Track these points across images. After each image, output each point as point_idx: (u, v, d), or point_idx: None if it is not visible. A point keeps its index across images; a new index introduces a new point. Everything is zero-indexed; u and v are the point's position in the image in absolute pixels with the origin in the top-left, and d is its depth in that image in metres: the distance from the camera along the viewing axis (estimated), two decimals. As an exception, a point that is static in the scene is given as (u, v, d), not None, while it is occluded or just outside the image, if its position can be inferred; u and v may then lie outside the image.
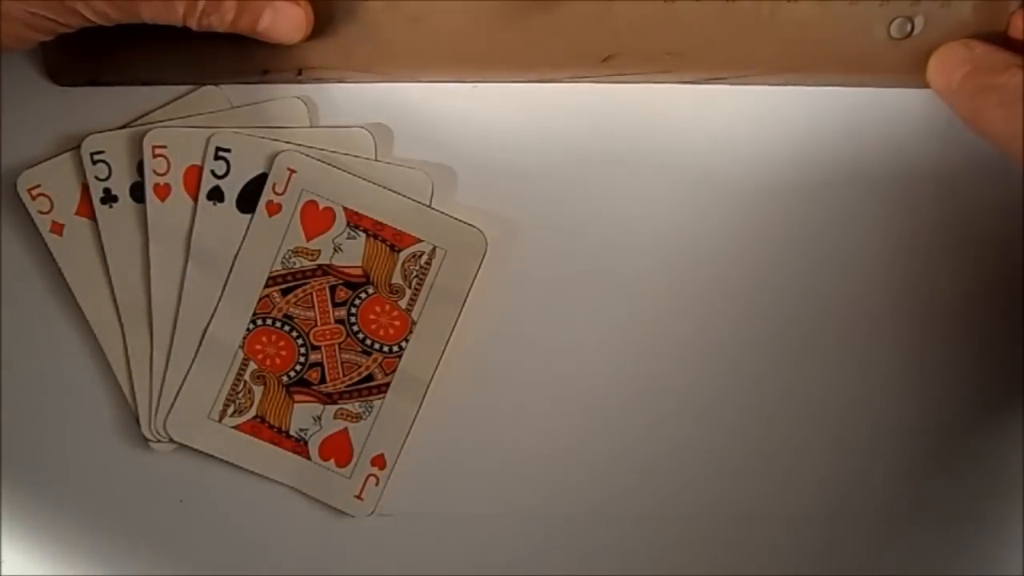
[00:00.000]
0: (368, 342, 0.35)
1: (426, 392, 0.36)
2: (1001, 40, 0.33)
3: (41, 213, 0.35)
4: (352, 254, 0.35)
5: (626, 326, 0.37)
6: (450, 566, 0.37)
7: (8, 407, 0.37)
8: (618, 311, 0.37)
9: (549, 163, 0.36)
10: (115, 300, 0.36)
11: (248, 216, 0.35)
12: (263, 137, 0.35)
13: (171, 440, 0.36)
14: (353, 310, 0.35)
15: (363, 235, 0.35)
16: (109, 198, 0.35)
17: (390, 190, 0.35)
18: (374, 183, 0.35)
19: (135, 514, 0.37)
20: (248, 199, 0.35)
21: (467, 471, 0.37)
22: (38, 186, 0.35)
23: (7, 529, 0.37)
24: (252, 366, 0.35)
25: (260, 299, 0.35)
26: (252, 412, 0.35)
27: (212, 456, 0.36)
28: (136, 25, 0.31)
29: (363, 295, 0.35)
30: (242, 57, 0.35)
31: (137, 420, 0.36)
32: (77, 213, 0.36)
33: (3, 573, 0.37)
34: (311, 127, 0.36)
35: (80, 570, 0.37)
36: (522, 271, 0.36)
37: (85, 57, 0.35)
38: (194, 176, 0.35)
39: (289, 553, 0.37)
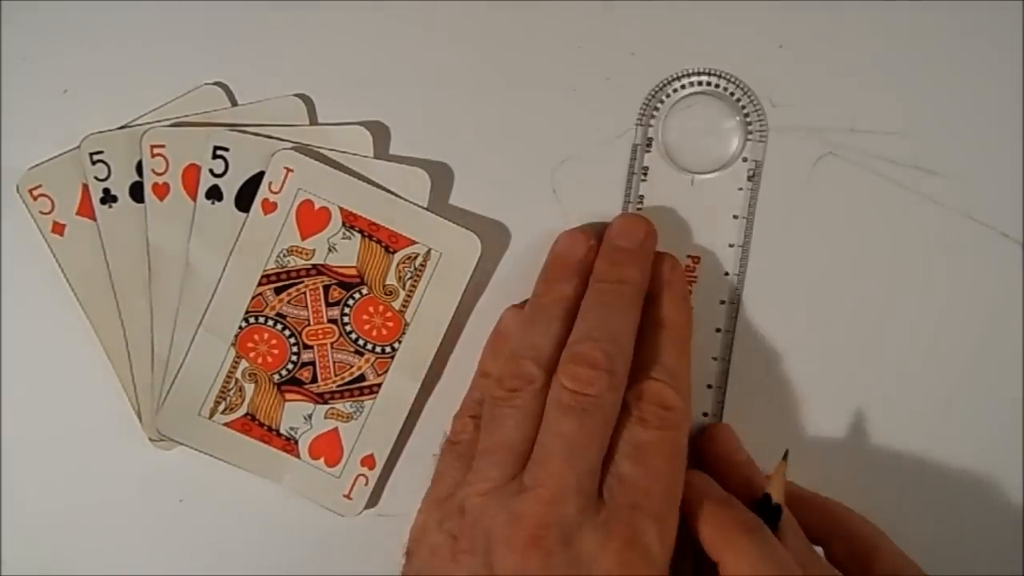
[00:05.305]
0: (361, 342, 0.35)
1: (417, 393, 0.35)
2: None
3: (42, 213, 0.36)
4: (347, 254, 0.35)
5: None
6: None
7: (8, 407, 0.37)
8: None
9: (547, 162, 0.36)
10: (116, 300, 0.36)
11: (246, 215, 0.35)
12: (262, 135, 0.35)
13: (170, 439, 0.35)
14: (346, 310, 0.35)
15: (358, 236, 0.35)
16: (109, 198, 0.35)
17: (386, 191, 0.35)
18: (371, 182, 0.35)
19: (135, 514, 0.37)
20: (246, 198, 0.35)
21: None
22: (39, 186, 0.35)
23: (7, 529, 0.37)
24: (244, 364, 0.35)
25: (253, 297, 0.35)
26: (243, 410, 0.35)
27: (204, 452, 0.36)
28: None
29: (357, 295, 0.35)
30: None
31: (140, 418, 0.36)
32: (78, 213, 0.36)
33: (3, 573, 0.37)
34: (310, 125, 0.36)
35: (80, 570, 0.37)
36: (518, 271, 0.36)
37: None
38: (193, 175, 0.35)
39: (290, 552, 0.37)
